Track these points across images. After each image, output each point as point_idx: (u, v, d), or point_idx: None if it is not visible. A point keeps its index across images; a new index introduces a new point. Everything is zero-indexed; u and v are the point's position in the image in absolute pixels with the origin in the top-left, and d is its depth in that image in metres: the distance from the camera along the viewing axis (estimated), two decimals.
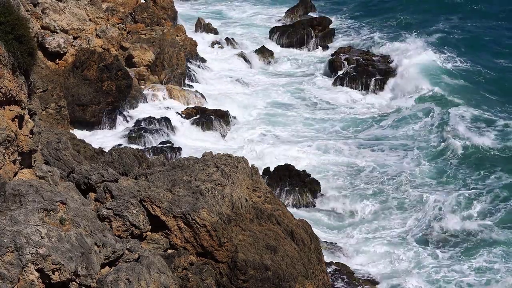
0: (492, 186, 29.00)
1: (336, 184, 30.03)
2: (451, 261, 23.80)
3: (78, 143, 22.51)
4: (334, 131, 37.05)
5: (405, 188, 29.37)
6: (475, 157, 32.27)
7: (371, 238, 25.52)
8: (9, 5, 13.53)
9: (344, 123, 38.29)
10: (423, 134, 35.65)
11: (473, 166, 31.34)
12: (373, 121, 38.52)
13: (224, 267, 15.75)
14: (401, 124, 37.51)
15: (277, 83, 44.83)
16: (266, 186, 19.10)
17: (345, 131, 37.06)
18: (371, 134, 36.75)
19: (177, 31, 44.61)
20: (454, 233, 25.68)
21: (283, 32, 54.42)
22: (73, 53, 34.98)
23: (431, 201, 27.78)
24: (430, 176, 30.75)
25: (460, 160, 31.96)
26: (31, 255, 11.26)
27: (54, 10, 35.89)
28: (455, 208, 27.15)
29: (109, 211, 14.91)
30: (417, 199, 28.40)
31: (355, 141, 35.31)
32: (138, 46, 39.50)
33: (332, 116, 39.46)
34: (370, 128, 37.55)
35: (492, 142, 33.39)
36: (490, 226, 25.85)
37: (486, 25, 57.56)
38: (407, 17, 59.55)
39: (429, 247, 24.90)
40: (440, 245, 25.07)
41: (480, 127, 35.54)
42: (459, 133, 34.46)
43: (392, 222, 26.81)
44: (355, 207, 27.96)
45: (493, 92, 41.52)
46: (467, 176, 30.48)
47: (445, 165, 31.75)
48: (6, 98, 13.08)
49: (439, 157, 32.58)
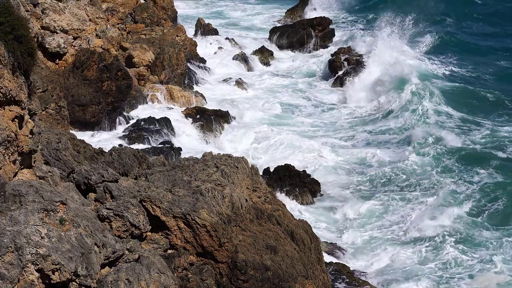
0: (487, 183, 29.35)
1: (336, 184, 30.03)
2: (453, 260, 23.82)
3: (78, 143, 22.49)
4: (335, 131, 37.06)
5: (407, 188, 29.45)
6: (466, 155, 32.50)
7: (371, 238, 25.52)
8: (9, 5, 13.52)
9: (345, 123, 38.30)
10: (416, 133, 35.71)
11: (467, 163, 31.49)
12: (369, 121, 38.68)
13: (224, 267, 15.75)
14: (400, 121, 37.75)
15: (277, 83, 44.84)
16: (266, 186, 19.11)
17: (345, 131, 37.06)
18: (370, 132, 36.79)
19: (177, 31, 44.63)
20: (453, 232, 25.70)
21: (283, 32, 54.44)
22: (73, 53, 34.99)
23: (431, 200, 27.84)
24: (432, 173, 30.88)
25: (456, 158, 32.15)
26: (31, 255, 11.26)
27: (54, 10, 35.90)
28: (454, 205, 27.30)
29: (109, 211, 14.90)
30: (418, 199, 28.42)
31: (354, 141, 35.34)
32: (138, 46, 39.51)
33: (332, 116, 39.48)
34: (370, 127, 37.60)
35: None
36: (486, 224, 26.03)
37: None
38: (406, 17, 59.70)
39: (429, 246, 24.89)
40: (440, 245, 25.06)
41: (469, 127, 35.98)
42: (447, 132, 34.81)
43: (393, 222, 26.79)
44: (355, 207, 27.93)
45: (486, 93, 41.79)
46: (462, 172, 30.65)
47: (447, 163, 31.86)
48: (6, 98, 13.08)
49: (436, 155, 32.67)
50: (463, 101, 40.29)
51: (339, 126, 37.95)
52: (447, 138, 33.89)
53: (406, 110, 38.84)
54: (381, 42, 47.03)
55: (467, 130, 35.75)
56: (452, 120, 37.32)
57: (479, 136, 34.69)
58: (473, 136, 34.65)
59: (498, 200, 27.85)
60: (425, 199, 28.09)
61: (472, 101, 40.66)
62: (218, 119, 35.99)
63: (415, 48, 49.14)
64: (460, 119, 37.47)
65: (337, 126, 37.89)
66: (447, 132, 34.72)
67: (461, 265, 23.40)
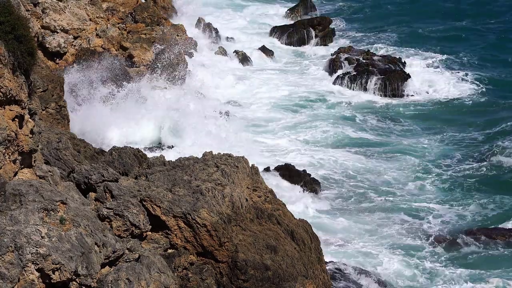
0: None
1: (336, 184, 30.03)
2: (451, 262, 23.85)
3: (78, 142, 22.50)
4: (335, 130, 36.99)
5: (411, 185, 29.50)
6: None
7: (371, 238, 25.51)
8: (9, 5, 13.52)
9: (344, 122, 38.25)
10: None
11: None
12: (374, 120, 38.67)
13: (224, 267, 15.75)
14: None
15: (278, 82, 44.82)
16: (266, 185, 19.10)
17: (344, 131, 37.00)
18: (375, 132, 36.79)
19: (177, 31, 44.61)
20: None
21: (283, 31, 54.40)
22: (73, 52, 35.05)
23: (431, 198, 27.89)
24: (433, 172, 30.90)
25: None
26: (31, 255, 11.26)
27: (54, 10, 35.93)
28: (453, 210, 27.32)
29: (109, 210, 14.91)
30: (418, 199, 28.43)
31: (354, 141, 35.33)
32: (138, 46, 39.51)
33: (332, 115, 39.43)
34: (372, 127, 37.60)
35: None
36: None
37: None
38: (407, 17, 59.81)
39: (429, 246, 24.89)
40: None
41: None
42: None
43: (393, 222, 26.78)
44: (355, 207, 27.94)
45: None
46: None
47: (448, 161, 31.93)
48: (6, 98, 13.08)
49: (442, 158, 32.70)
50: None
51: (339, 125, 37.77)
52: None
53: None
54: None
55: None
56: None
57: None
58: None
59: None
60: (427, 193, 28.15)
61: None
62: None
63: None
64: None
65: (337, 125, 37.71)
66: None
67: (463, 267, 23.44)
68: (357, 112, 39.69)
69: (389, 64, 45.09)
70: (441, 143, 34.81)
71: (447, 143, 34.81)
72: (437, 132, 36.50)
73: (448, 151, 33.67)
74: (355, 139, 35.60)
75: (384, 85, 42.96)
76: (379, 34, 55.64)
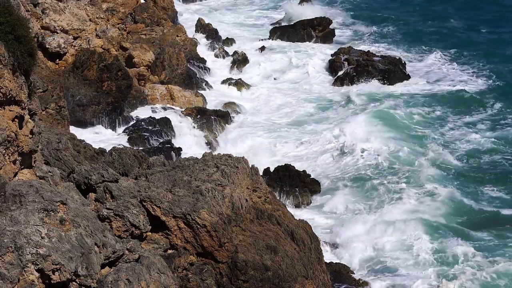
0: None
1: (336, 184, 30.03)
2: (452, 260, 23.86)
3: (78, 143, 22.51)
4: (335, 130, 36.96)
5: (416, 182, 29.61)
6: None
7: (371, 238, 25.48)
8: (9, 5, 13.53)
9: (344, 122, 38.21)
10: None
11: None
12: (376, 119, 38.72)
13: (224, 267, 15.75)
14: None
15: (278, 83, 44.81)
16: (266, 186, 19.11)
17: (345, 131, 36.96)
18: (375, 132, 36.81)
19: (177, 32, 44.62)
20: (453, 229, 25.75)
21: (283, 32, 54.41)
22: (73, 53, 35.02)
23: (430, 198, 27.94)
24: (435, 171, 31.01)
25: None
26: (31, 255, 11.26)
27: (54, 11, 35.93)
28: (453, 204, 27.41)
29: (109, 211, 14.91)
30: (419, 198, 28.41)
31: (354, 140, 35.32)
32: (138, 46, 39.51)
33: (333, 115, 39.43)
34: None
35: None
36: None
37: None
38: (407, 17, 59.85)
39: (429, 246, 24.87)
40: (441, 244, 25.07)
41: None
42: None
43: (393, 222, 26.74)
44: (355, 207, 27.92)
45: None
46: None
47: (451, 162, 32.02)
48: (6, 98, 13.08)
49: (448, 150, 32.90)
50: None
51: (340, 125, 37.72)
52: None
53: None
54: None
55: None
56: None
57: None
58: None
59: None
60: (427, 196, 28.41)
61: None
62: (218, 120, 35.97)
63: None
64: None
65: (337, 126, 37.66)
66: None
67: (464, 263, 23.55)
68: (357, 112, 39.64)
69: (389, 65, 45.12)
70: (441, 143, 34.78)
71: (448, 143, 34.83)
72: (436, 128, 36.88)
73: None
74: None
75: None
76: (379, 35, 55.63)
